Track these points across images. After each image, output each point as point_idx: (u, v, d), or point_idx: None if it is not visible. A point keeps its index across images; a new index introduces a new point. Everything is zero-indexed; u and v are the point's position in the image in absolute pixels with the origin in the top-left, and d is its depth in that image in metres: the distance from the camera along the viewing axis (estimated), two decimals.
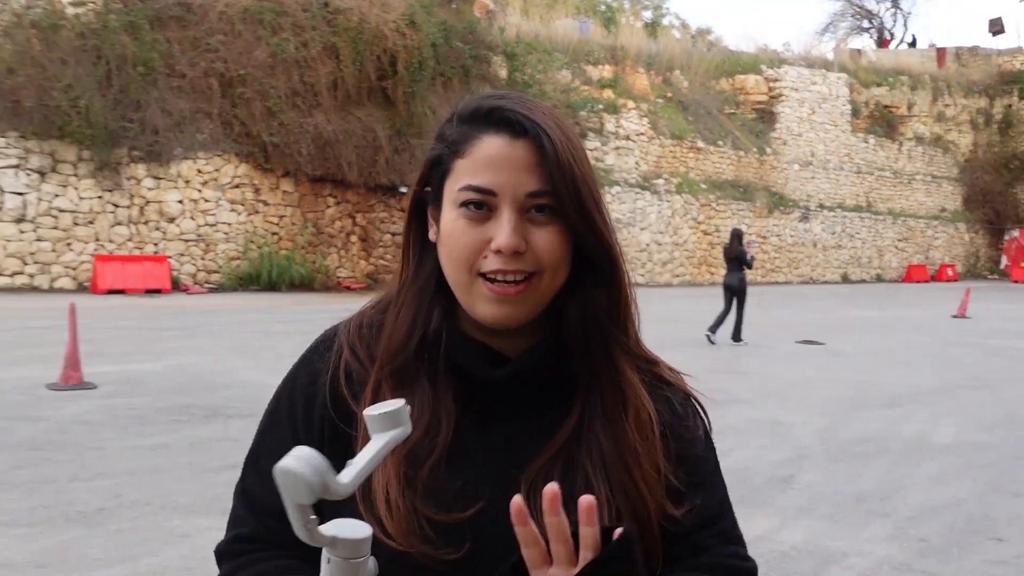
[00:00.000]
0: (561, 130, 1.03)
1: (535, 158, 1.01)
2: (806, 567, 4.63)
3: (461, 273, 1.03)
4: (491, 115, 1.03)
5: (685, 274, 30.41)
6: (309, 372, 1.12)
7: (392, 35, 22.29)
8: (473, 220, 1.01)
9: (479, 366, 1.06)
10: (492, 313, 1.02)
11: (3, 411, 7.32)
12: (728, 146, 32.33)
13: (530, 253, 1.01)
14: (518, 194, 1.01)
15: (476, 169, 1.01)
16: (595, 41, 31.30)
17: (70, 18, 19.16)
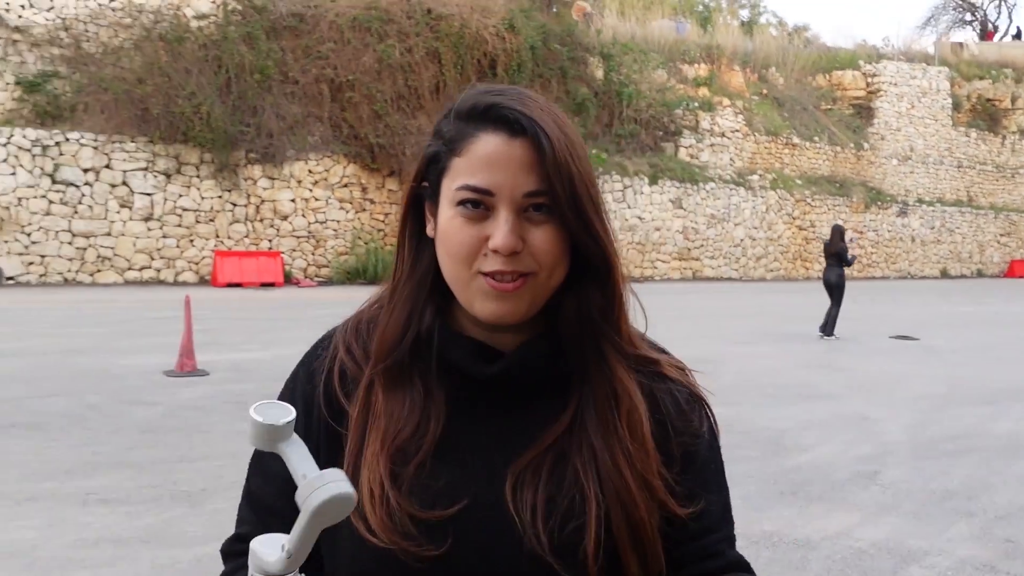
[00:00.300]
0: (559, 128, 0.98)
1: (533, 157, 0.96)
2: (885, 565, 4.42)
3: (460, 270, 0.99)
4: (488, 112, 0.98)
5: (779, 269, 29.64)
6: (308, 372, 1.10)
7: (492, 39, 22.38)
8: (471, 219, 0.97)
9: (471, 362, 1.02)
10: (491, 310, 0.98)
11: (122, 395, 7.63)
12: (824, 142, 31.34)
13: (527, 252, 0.97)
14: (515, 194, 0.96)
15: (473, 168, 0.97)
16: (691, 40, 30.76)
17: (194, 31, 19.85)
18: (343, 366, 1.07)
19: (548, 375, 1.04)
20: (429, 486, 0.99)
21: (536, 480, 0.99)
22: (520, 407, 1.03)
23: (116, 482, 5.23)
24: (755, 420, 7.62)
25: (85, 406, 7.18)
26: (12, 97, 18.19)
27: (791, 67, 32.42)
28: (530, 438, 1.02)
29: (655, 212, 26.48)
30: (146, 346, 10.23)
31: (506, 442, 1.02)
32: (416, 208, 1.07)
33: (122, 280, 18.51)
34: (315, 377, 1.08)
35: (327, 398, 1.06)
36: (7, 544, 4.23)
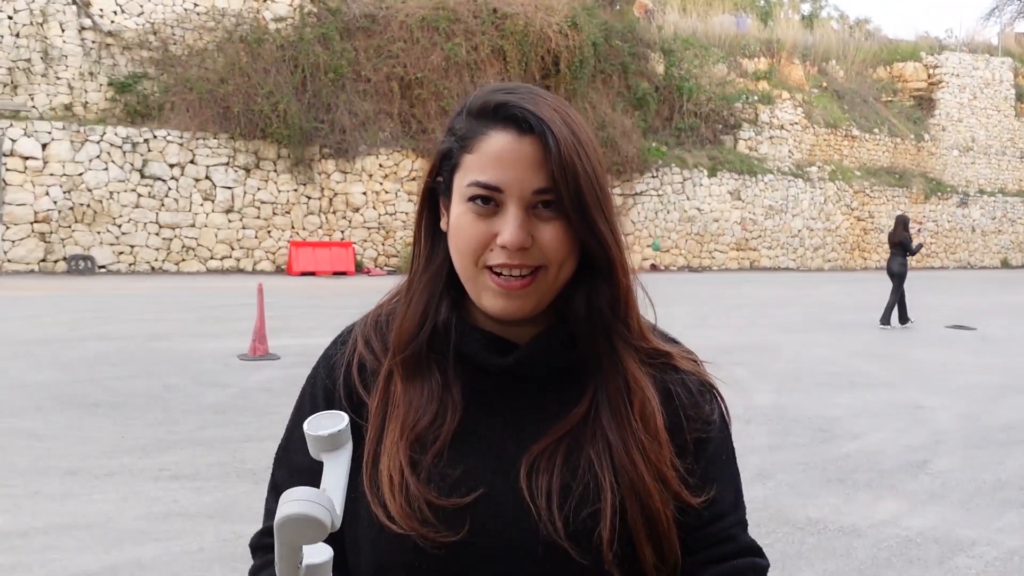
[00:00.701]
0: (568, 127, 0.97)
1: (541, 155, 0.95)
2: (931, 554, 4.25)
3: (468, 266, 0.98)
4: (499, 111, 0.97)
5: (837, 259, 28.92)
6: (328, 367, 1.09)
7: (555, 36, 22.23)
8: (480, 215, 0.96)
9: (485, 354, 1.02)
10: (498, 306, 0.98)
11: (198, 377, 7.78)
12: (884, 133, 30.44)
13: (536, 248, 0.96)
14: (524, 191, 0.95)
15: (484, 165, 0.96)
16: (751, 35, 30.14)
17: (272, 33, 20.14)
18: (362, 359, 1.06)
19: (561, 367, 1.03)
20: (447, 475, 0.98)
21: (551, 467, 0.98)
22: (534, 398, 1.02)
23: (187, 459, 5.33)
24: (806, 407, 7.42)
25: (163, 387, 7.35)
26: (105, 97, 18.70)
27: (851, 60, 31.55)
28: (544, 428, 1.01)
29: (714, 203, 26.06)
30: (223, 331, 10.44)
31: (520, 432, 1.01)
32: (431, 203, 1.05)
33: (204, 269, 18.93)
34: (335, 371, 1.07)
35: (347, 390, 1.05)
36: (85, 516, 4.34)
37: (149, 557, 3.85)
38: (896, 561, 4.16)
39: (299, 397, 1.12)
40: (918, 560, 4.18)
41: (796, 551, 4.23)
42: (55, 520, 4.26)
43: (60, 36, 18.35)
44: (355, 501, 0.98)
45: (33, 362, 8.22)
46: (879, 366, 9.73)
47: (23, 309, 11.95)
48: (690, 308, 14.89)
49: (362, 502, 0.98)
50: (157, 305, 12.95)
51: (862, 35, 36.06)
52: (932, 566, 4.12)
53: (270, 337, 8.97)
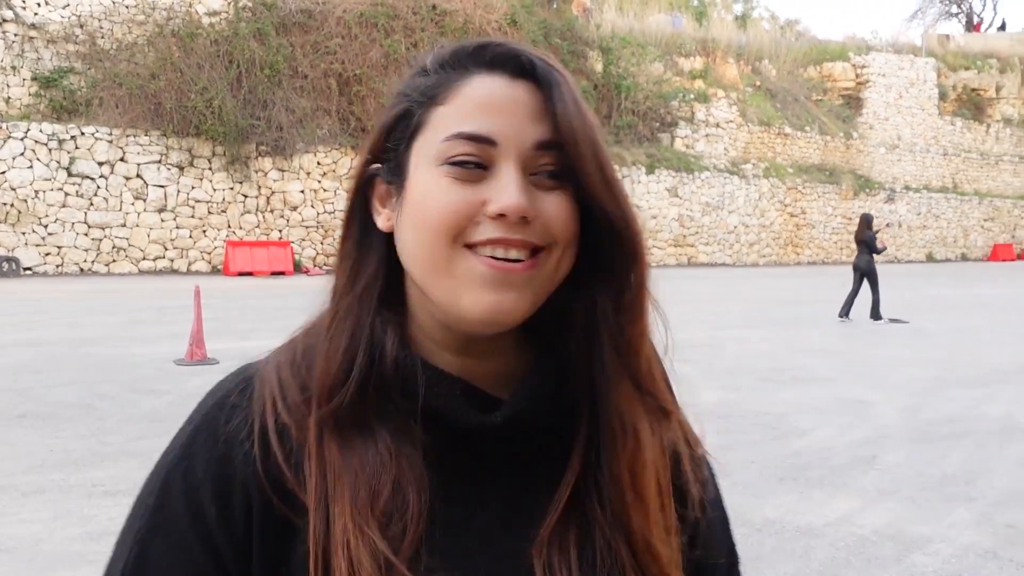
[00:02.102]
0: (569, 74, 0.75)
1: (541, 105, 0.72)
2: (888, 552, 4.23)
3: (440, 246, 0.70)
4: (480, 53, 0.74)
5: (771, 254, 29.42)
6: (212, 437, 0.73)
7: (495, 34, 22.04)
8: (462, 179, 0.70)
9: (462, 410, 0.73)
10: (486, 303, 0.70)
11: (133, 384, 7.45)
12: (815, 131, 31.06)
13: (539, 223, 0.71)
14: (524, 145, 0.71)
15: (466, 114, 0.71)
16: (687, 34, 30.45)
17: (205, 27, 19.59)
18: (280, 422, 0.73)
19: (551, 421, 0.76)
20: None
21: (567, 560, 0.73)
22: (517, 464, 0.76)
23: (123, 472, 5.05)
24: (753, 404, 7.42)
25: (95, 395, 7.00)
26: (29, 92, 17.96)
27: (783, 59, 32.12)
28: (536, 506, 0.75)
29: (652, 200, 26.25)
30: (158, 335, 10.06)
31: (510, 513, 0.75)
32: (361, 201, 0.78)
33: (136, 270, 18.33)
34: (236, 449, 0.72)
35: (266, 472, 0.71)
36: (11, 538, 4.05)
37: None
38: (854, 561, 4.12)
39: (160, 485, 0.73)
40: (876, 559, 4.15)
41: (756, 553, 4.17)
42: None
43: None
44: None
45: None
46: (819, 361, 9.83)
47: None
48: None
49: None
50: (87, 308, 12.44)
51: (793, 35, 36.79)
52: (890, 564, 4.09)
53: (208, 340, 8.65)
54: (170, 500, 0.72)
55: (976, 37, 42.24)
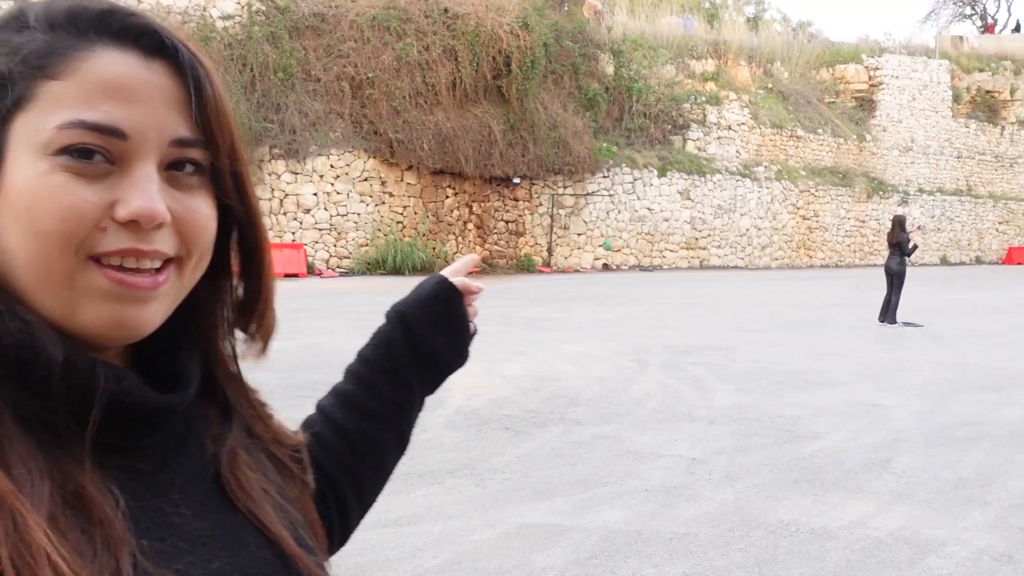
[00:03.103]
0: (208, 58, 0.67)
1: (180, 91, 0.64)
2: (903, 555, 4.26)
3: (57, 258, 0.60)
4: (106, 21, 0.63)
5: (784, 257, 29.35)
6: None
7: (507, 37, 22.14)
8: (82, 175, 0.60)
9: (153, 395, 0.65)
10: (112, 319, 0.62)
11: None
12: (828, 134, 30.98)
13: (173, 229, 0.64)
14: (162, 139, 0.63)
15: (89, 97, 0.61)
16: (698, 36, 30.43)
17: (220, 31, 19.72)
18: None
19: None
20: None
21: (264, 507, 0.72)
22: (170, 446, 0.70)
23: None
24: (767, 407, 7.45)
25: None
26: None
27: (795, 62, 32.04)
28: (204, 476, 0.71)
29: (664, 203, 26.24)
30: None
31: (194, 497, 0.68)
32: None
33: None
34: None
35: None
36: None
37: None
38: (869, 563, 4.15)
39: None
40: (891, 562, 4.18)
41: (771, 555, 4.20)
42: None
43: None
44: None
45: None
46: (833, 364, 9.83)
47: None
48: (645, 308, 14.94)
49: None
50: None
51: (805, 37, 36.71)
52: (904, 567, 4.12)
53: None
54: None
55: (990, 39, 42.02)
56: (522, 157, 22.60)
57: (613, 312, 14.04)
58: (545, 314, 13.66)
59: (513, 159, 22.42)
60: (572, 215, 24.51)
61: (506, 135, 22.34)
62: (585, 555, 4.12)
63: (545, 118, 23.18)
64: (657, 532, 4.45)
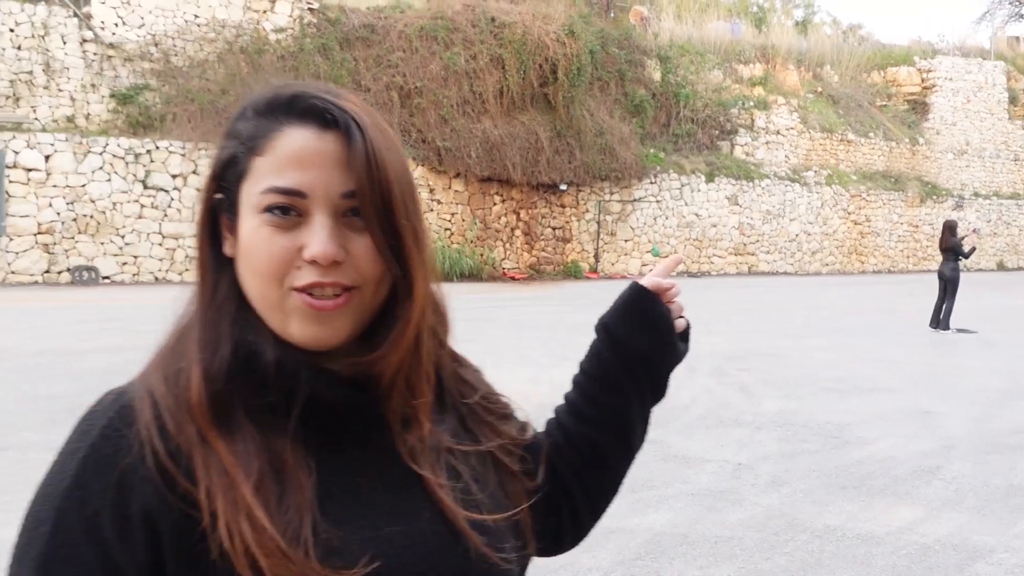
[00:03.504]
0: (374, 122, 0.84)
1: (347, 153, 0.81)
2: (950, 561, 4.25)
3: (270, 289, 0.81)
4: (293, 104, 0.82)
5: (834, 263, 28.97)
6: (101, 466, 0.77)
7: (553, 44, 22.26)
8: (280, 227, 0.80)
9: (342, 392, 0.83)
10: (310, 333, 0.81)
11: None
12: (879, 137, 30.52)
13: (349, 263, 0.81)
14: (331, 195, 0.80)
15: (280, 167, 0.80)
16: (746, 41, 30.24)
17: (272, 43, 20.15)
18: (166, 435, 0.78)
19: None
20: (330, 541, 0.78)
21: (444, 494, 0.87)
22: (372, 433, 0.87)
23: None
24: (815, 413, 7.42)
25: None
26: (108, 109, 18.69)
27: (846, 65, 31.65)
28: (402, 460, 0.86)
29: (711, 209, 26.10)
30: None
31: (384, 473, 0.85)
32: (212, 224, 0.86)
33: None
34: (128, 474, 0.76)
35: (167, 483, 0.76)
36: None
37: None
38: (916, 568, 4.16)
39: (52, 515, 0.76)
40: (938, 567, 4.18)
41: (816, 559, 4.23)
42: None
43: (62, 48, 18.34)
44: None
45: (43, 374, 8.20)
46: (884, 371, 9.74)
47: (29, 321, 11.92)
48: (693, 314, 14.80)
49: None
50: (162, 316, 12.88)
51: (855, 40, 36.23)
52: (952, 573, 4.11)
53: None
54: (67, 527, 0.75)
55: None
56: (569, 164, 22.67)
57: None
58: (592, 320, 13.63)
59: (560, 166, 22.51)
60: (619, 221, 24.51)
61: (553, 142, 22.44)
62: (631, 556, 4.19)
63: (591, 125, 23.24)
64: (702, 535, 4.50)
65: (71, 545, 0.75)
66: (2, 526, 4.30)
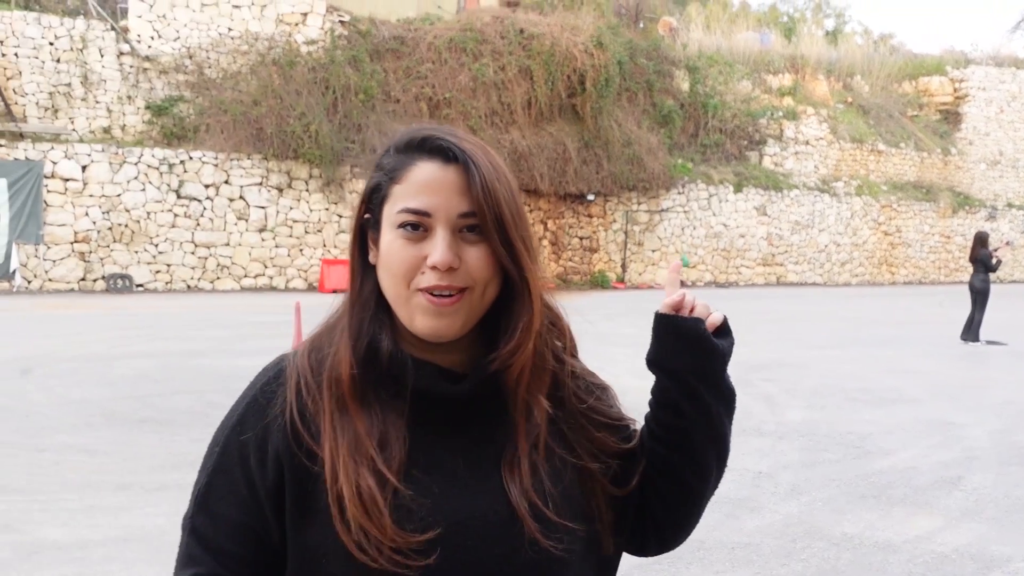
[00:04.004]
0: (487, 157, 1.04)
1: (465, 182, 1.02)
2: (966, 570, 4.28)
3: (400, 288, 1.03)
4: (424, 144, 1.05)
5: (864, 274, 28.74)
6: (258, 414, 1.06)
7: (581, 56, 22.37)
8: (410, 239, 1.02)
9: (438, 383, 1.05)
10: (430, 325, 1.02)
11: (239, 395, 7.91)
12: (910, 148, 30.26)
13: (463, 269, 1.02)
14: (451, 214, 1.02)
15: (412, 192, 1.02)
16: (775, 51, 30.16)
17: (304, 55, 20.45)
18: (302, 402, 1.05)
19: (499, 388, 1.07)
20: (409, 505, 0.99)
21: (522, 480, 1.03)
22: (473, 422, 1.06)
23: None
24: (838, 423, 7.44)
25: (206, 404, 7.50)
26: (143, 120, 19.08)
27: (876, 75, 31.44)
28: (491, 446, 1.06)
29: (739, 219, 26.03)
30: (260, 348, 10.58)
31: (470, 455, 1.05)
32: (362, 238, 1.11)
33: (239, 287, 19.20)
34: (269, 416, 1.05)
35: (294, 436, 1.03)
36: (140, 529, 4.47)
37: None
38: None
39: (221, 442, 1.07)
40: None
41: (831, 566, 4.28)
42: (111, 533, 4.40)
43: (99, 61, 18.76)
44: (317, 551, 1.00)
45: (79, 379, 8.42)
46: (910, 382, 9.71)
47: (65, 327, 12.20)
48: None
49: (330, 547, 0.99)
50: (195, 323, 13.17)
51: (887, 50, 35.95)
52: None
53: None
54: (229, 451, 1.06)
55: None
56: (596, 174, 22.74)
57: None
58: (617, 329, 13.77)
59: (587, 176, 22.58)
60: (646, 231, 24.53)
61: (580, 152, 22.53)
62: (648, 560, 4.26)
63: (619, 135, 23.30)
64: (720, 541, 4.56)
65: (229, 463, 1.06)
66: (41, 525, 4.48)
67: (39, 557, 4.08)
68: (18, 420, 6.72)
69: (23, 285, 17.12)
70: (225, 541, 1.05)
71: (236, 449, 1.05)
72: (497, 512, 1.01)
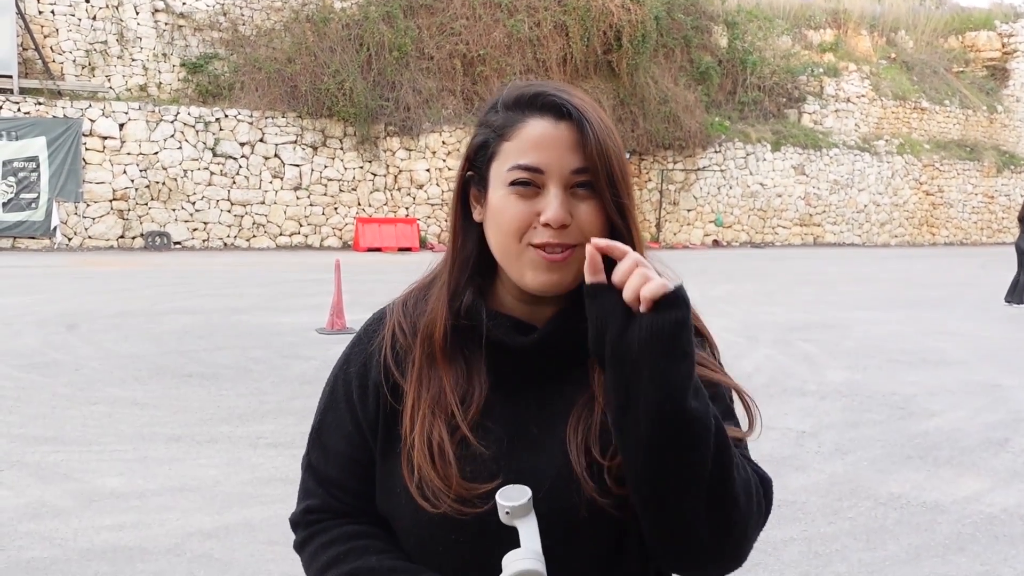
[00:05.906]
0: (598, 115, 1.04)
1: (577, 138, 1.02)
2: (1016, 531, 4.27)
3: (511, 244, 1.03)
4: (535, 100, 1.04)
5: (904, 235, 28.34)
6: (361, 352, 1.14)
7: (618, 11, 22.06)
8: (523, 196, 1.02)
9: (511, 335, 1.06)
10: (541, 280, 1.02)
11: (281, 350, 8.05)
12: (955, 105, 29.61)
13: (574, 226, 1.02)
14: (564, 171, 1.01)
15: (524, 149, 1.02)
16: (817, 5, 29.49)
17: (338, 12, 20.37)
18: (396, 343, 1.11)
19: (573, 350, 1.04)
20: (477, 456, 1.03)
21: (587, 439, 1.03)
22: (556, 376, 1.07)
23: (282, 427, 5.56)
24: (880, 385, 7.40)
25: (250, 359, 7.62)
26: (178, 78, 19.16)
27: (921, 30, 30.69)
28: (563, 406, 1.05)
29: (777, 178, 25.72)
30: (299, 306, 10.72)
31: (546, 408, 1.06)
32: (464, 196, 1.11)
33: (274, 245, 19.37)
34: (371, 357, 1.13)
35: (386, 376, 1.10)
36: (194, 479, 4.59)
37: (258, 519, 4.07)
38: (981, 537, 4.19)
39: (331, 381, 1.16)
40: (1003, 536, 4.20)
41: (879, 525, 4.29)
42: (166, 483, 4.52)
43: (135, 19, 18.82)
44: (393, 482, 1.06)
45: (124, 334, 8.58)
46: (953, 343, 9.61)
47: (107, 284, 12.41)
48: (756, 285, 14.81)
49: (400, 484, 1.05)
50: (234, 280, 13.33)
51: (933, 3, 35.01)
52: (1019, 542, 4.14)
53: (346, 311, 9.20)
54: (337, 387, 1.15)
55: None
56: (632, 132, 22.53)
57: (722, 288, 13.98)
58: None
59: (623, 134, 22.38)
60: (682, 191, 24.32)
61: (616, 110, 22.31)
62: None
63: (655, 92, 23.02)
64: None
65: (336, 400, 1.14)
66: (98, 475, 4.61)
67: (99, 505, 4.21)
68: (68, 374, 6.88)
69: (64, 242, 17.41)
70: (336, 474, 1.12)
71: (342, 385, 1.14)
72: (557, 468, 1.02)
